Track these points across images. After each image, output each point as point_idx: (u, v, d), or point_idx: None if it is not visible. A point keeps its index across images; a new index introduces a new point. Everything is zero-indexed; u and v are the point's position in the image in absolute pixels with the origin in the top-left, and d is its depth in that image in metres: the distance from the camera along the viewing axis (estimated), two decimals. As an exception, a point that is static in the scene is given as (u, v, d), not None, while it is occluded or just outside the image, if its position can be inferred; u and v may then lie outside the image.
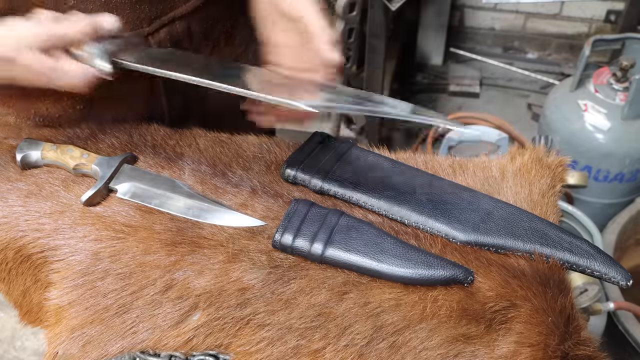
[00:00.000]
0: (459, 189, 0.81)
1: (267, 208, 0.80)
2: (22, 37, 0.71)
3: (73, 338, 0.73)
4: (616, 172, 1.95)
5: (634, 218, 1.91)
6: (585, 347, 0.65)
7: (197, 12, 0.93)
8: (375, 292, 0.70)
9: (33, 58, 0.71)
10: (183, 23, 0.92)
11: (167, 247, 0.75)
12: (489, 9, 2.94)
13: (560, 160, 0.87)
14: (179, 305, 0.72)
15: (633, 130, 1.88)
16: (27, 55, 0.71)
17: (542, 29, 2.94)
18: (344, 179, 0.82)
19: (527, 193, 0.82)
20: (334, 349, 0.67)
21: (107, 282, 0.74)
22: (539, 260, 0.72)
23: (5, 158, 0.88)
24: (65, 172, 0.86)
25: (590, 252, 0.73)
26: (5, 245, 0.80)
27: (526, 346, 0.64)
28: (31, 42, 0.71)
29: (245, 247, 0.75)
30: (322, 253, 0.72)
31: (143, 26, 0.88)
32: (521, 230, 0.74)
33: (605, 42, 1.99)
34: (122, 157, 0.85)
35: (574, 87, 1.99)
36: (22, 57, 0.71)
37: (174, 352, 0.71)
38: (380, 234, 0.74)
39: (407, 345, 0.66)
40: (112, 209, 0.80)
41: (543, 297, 0.66)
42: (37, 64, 0.72)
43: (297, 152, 0.86)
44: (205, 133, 0.94)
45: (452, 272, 0.69)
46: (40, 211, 0.80)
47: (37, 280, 0.81)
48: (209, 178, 0.84)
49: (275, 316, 0.69)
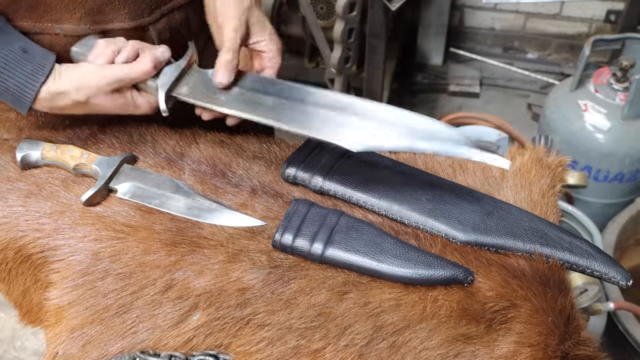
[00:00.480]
0: (459, 189, 0.81)
1: (267, 208, 0.80)
2: (93, 84, 0.79)
3: (73, 338, 0.73)
4: (616, 172, 1.95)
5: (634, 218, 1.91)
6: (585, 347, 0.65)
7: (194, 1, 0.95)
8: (375, 292, 0.70)
9: (105, 100, 0.81)
10: (181, 13, 0.95)
11: (167, 247, 0.75)
12: (489, 9, 2.94)
13: (560, 160, 0.87)
14: (179, 305, 0.72)
15: (633, 130, 1.88)
16: (99, 99, 0.80)
17: (542, 29, 2.94)
18: (344, 179, 0.82)
19: (527, 193, 0.82)
20: (334, 349, 0.67)
21: (107, 282, 0.74)
22: (539, 260, 0.72)
23: (5, 158, 0.88)
24: (65, 172, 0.86)
25: (590, 252, 0.73)
26: (5, 245, 0.80)
27: (526, 346, 0.64)
28: (102, 87, 0.79)
29: (245, 247, 0.75)
30: (322, 253, 0.72)
31: (144, 16, 0.90)
32: (521, 230, 0.74)
33: (605, 42, 1.99)
34: (122, 157, 0.85)
35: (574, 87, 1.99)
36: (95, 101, 0.80)
37: (174, 352, 0.71)
38: (380, 234, 0.74)
39: (407, 345, 0.66)
40: (112, 209, 0.80)
41: (543, 297, 0.66)
42: (109, 104, 0.82)
43: (297, 152, 0.86)
44: (205, 133, 0.94)
45: (452, 272, 0.69)
46: (40, 211, 0.80)
47: (37, 280, 0.81)
48: (209, 178, 0.84)
49: (275, 316, 0.69)
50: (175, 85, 0.82)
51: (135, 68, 0.80)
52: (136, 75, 0.80)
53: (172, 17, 0.94)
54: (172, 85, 0.82)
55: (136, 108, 0.84)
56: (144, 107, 0.84)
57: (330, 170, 0.83)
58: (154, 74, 0.82)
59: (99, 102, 0.81)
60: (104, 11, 0.86)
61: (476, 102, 2.89)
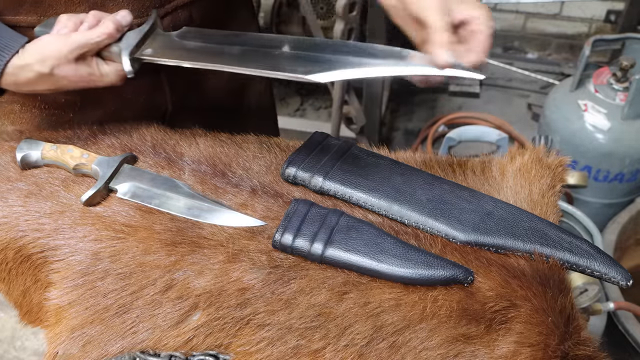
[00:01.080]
0: (459, 189, 0.81)
1: (267, 208, 0.80)
2: (54, 53, 0.77)
3: (73, 338, 0.73)
4: (616, 172, 1.95)
5: (634, 218, 1.91)
6: (585, 347, 0.65)
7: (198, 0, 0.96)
8: (375, 292, 0.70)
9: (69, 69, 0.79)
10: (185, 11, 0.95)
11: (167, 247, 0.75)
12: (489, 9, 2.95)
13: (560, 160, 0.87)
14: (179, 305, 0.72)
15: (633, 130, 1.88)
16: (63, 68, 0.78)
17: (542, 29, 2.94)
18: (344, 179, 0.82)
19: (527, 193, 0.82)
20: (334, 349, 0.67)
21: (107, 282, 0.74)
22: (539, 260, 0.72)
23: (5, 158, 0.88)
24: (65, 172, 0.86)
25: (590, 252, 0.73)
26: (5, 245, 0.80)
27: (526, 346, 0.64)
28: (64, 55, 0.77)
29: (245, 247, 0.75)
30: (322, 253, 0.72)
31: (148, 14, 0.90)
32: (521, 230, 0.74)
33: (605, 42, 1.99)
34: (122, 157, 0.85)
35: (574, 87, 1.99)
36: (59, 71, 0.78)
37: (174, 352, 0.71)
38: (380, 234, 0.74)
39: (407, 345, 0.66)
40: (112, 209, 0.80)
41: (543, 297, 0.66)
42: (74, 74, 0.80)
43: (297, 152, 0.86)
44: (205, 133, 0.94)
45: (452, 272, 0.69)
46: (40, 211, 0.80)
47: (37, 280, 0.81)
48: (209, 178, 0.84)
49: (275, 316, 0.69)
50: (138, 48, 0.82)
51: (98, 31, 0.79)
52: (99, 39, 0.79)
53: (175, 15, 0.94)
54: (136, 47, 0.81)
55: (102, 77, 0.82)
56: (111, 76, 0.83)
57: (330, 170, 0.83)
58: (116, 38, 0.81)
59: (63, 72, 0.79)
60: (107, 6, 0.87)
61: (476, 102, 2.89)
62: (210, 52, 0.81)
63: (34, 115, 0.96)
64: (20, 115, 0.96)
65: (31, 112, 0.95)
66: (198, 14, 0.97)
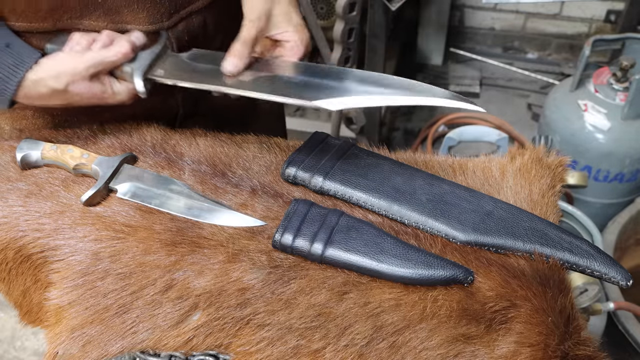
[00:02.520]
0: (459, 189, 0.81)
1: (267, 208, 0.80)
2: (70, 70, 0.79)
3: (73, 338, 0.73)
4: (616, 172, 1.95)
5: (634, 218, 1.91)
6: (585, 347, 0.65)
7: (211, 6, 0.96)
8: (375, 292, 0.70)
9: (83, 87, 0.81)
10: (199, 17, 0.96)
11: (167, 247, 0.75)
12: (489, 9, 2.94)
13: (560, 160, 0.87)
14: (179, 305, 0.72)
15: (633, 130, 1.88)
16: (77, 85, 0.80)
17: (542, 29, 2.94)
18: (344, 179, 0.82)
19: (527, 193, 0.82)
20: (334, 349, 0.67)
21: (107, 282, 0.74)
22: (539, 260, 0.72)
23: (5, 158, 0.88)
24: (65, 172, 0.86)
25: (590, 252, 0.73)
26: (5, 245, 0.80)
27: (526, 346, 0.64)
28: (79, 72, 0.79)
29: (245, 247, 0.75)
30: (322, 253, 0.72)
31: (163, 20, 0.90)
32: (521, 230, 0.74)
33: (605, 42, 1.99)
34: (122, 157, 0.85)
35: (574, 87, 1.99)
36: (73, 88, 0.80)
37: (174, 352, 0.71)
38: (380, 234, 0.74)
39: (407, 345, 0.66)
40: (112, 209, 0.80)
41: (543, 297, 0.66)
42: (87, 91, 0.82)
43: (297, 152, 0.86)
44: (205, 133, 0.94)
45: (452, 272, 0.69)
46: (40, 211, 0.80)
47: (37, 280, 0.81)
48: (209, 178, 0.84)
49: (275, 316, 0.69)
50: (150, 68, 0.85)
51: (114, 50, 0.81)
52: (115, 58, 0.81)
53: (190, 21, 0.94)
54: (148, 68, 0.84)
55: (114, 95, 0.84)
56: (122, 95, 0.85)
57: (330, 170, 0.83)
58: (131, 57, 0.83)
59: (77, 89, 0.81)
60: (122, 12, 0.87)
61: (476, 102, 2.88)
62: (220, 74, 0.84)
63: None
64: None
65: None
66: (212, 19, 0.98)
